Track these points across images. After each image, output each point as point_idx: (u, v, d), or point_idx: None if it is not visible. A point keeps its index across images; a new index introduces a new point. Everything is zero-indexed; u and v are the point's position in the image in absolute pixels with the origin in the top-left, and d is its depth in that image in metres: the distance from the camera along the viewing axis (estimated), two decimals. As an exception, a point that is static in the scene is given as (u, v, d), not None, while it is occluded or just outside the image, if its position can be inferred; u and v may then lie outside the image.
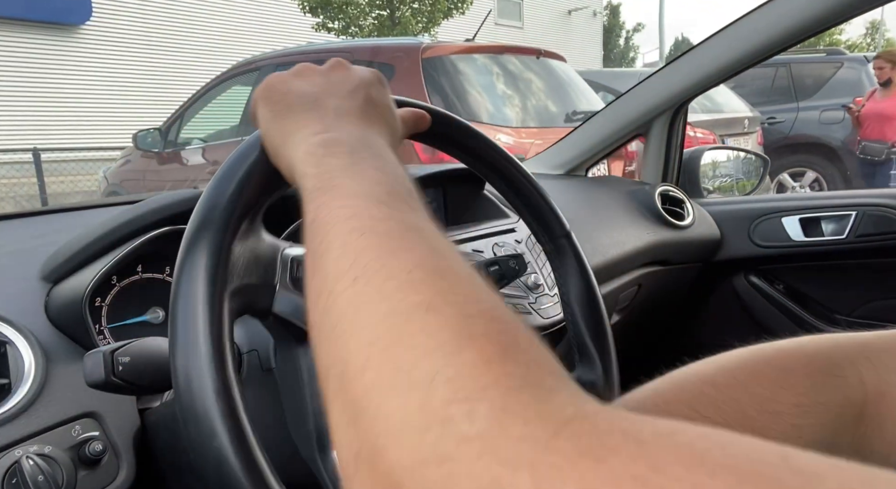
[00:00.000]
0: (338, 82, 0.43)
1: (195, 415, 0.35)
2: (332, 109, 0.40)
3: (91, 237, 0.63)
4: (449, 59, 3.29)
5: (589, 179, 1.47)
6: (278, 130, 0.41)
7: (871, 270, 1.31)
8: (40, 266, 0.65)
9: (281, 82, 0.44)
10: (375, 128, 0.40)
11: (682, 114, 1.42)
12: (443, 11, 9.44)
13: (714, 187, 1.65)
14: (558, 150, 1.49)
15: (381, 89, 0.44)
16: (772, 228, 1.35)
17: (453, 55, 3.33)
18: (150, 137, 4.32)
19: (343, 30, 9.26)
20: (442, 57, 3.27)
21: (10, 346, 0.55)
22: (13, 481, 0.48)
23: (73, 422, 0.54)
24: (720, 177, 1.67)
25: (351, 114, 0.40)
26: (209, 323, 0.36)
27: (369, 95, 0.42)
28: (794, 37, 1.15)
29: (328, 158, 0.35)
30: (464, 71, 3.33)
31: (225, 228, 0.40)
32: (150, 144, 4.32)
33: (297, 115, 0.40)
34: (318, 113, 0.40)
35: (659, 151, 1.44)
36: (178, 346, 0.36)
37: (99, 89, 9.33)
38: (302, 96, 0.42)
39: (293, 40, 8.09)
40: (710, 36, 1.25)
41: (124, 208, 0.66)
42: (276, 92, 0.43)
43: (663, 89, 1.34)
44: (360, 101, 0.42)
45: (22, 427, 0.51)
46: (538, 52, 3.69)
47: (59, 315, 0.60)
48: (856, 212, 1.27)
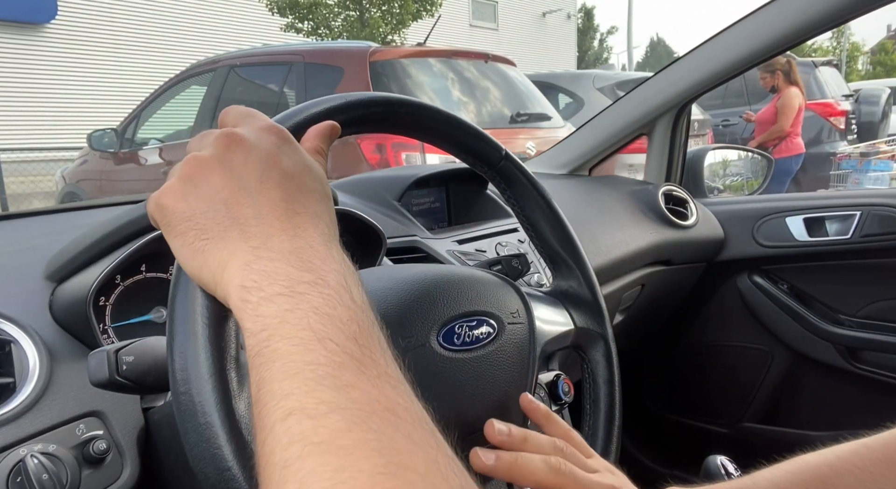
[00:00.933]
0: (242, 171, 0.35)
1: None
2: (253, 219, 0.34)
3: (95, 236, 0.64)
4: (397, 63, 3.38)
5: (592, 179, 1.46)
6: (201, 268, 0.34)
7: (875, 270, 1.31)
8: (44, 265, 0.65)
9: (178, 198, 0.36)
10: (305, 222, 0.35)
11: (685, 113, 1.42)
12: (411, 13, 9.46)
13: (725, 186, 1.65)
14: (561, 150, 1.49)
15: (291, 151, 0.37)
16: (776, 228, 1.34)
17: (401, 59, 3.42)
18: (107, 137, 4.31)
19: (312, 31, 9.23)
20: (390, 60, 3.36)
21: (15, 345, 0.55)
22: (18, 479, 0.48)
23: (77, 421, 0.54)
24: (731, 176, 1.67)
25: (274, 216, 0.34)
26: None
27: (284, 172, 0.36)
28: (795, 37, 1.14)
29: (263, 306, 0.31)
30: (412, 74, 3.41)
31: None
32: (106, 145, 4.32)
33: (217, 245, 0.34)
34: (238, 231, 0.34)
35: (662, 151, 1.44)
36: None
37: (62, 89, 9.24)
38: (211, 213, 0.34)
39: (262, 41, 8.07)
40: (713, 36, 1.25)
41: (128, 207, 0.66)
42: (178, 216, 0.35)
43: (666, 89, 1.34)
44: (277, 190, 0.35)
45: (26, 426, 0.51)
46: (486, 56, 3.80)
47: (63, 314, 0.60)
48: (860, 211, 1.27)
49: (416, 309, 0.49)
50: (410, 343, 0.47)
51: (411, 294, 0.49)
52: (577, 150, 1.46)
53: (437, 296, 0.50)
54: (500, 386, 0.52)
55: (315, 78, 3.54)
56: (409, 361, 0.44)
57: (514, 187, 0.60)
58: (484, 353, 0.51)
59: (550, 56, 17.65)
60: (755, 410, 1.46)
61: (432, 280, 0.51)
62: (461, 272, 0.55)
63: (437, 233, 0.94)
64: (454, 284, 0.52)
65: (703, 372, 1.52)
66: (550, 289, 0.65)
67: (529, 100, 3.88)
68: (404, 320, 0.48)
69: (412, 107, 0.52)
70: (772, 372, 1.43)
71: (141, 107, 4.39)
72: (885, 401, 1.28)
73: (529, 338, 0.55)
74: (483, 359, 0.51)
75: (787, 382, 1.43)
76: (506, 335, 0.53)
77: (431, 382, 0.48)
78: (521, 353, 0.55)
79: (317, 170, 0.38)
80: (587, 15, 27.03)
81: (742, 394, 1.48)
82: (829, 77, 6.55)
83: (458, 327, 0.50)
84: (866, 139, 6.06)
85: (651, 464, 1.54)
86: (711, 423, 1.51)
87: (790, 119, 4.67)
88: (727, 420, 1.49)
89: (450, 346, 0.49)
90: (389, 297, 0.49)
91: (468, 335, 0.50)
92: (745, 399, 1.47)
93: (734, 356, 1.48)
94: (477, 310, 0.51)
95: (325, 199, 0.38)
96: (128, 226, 0.63)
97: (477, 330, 0.51)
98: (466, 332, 0.50)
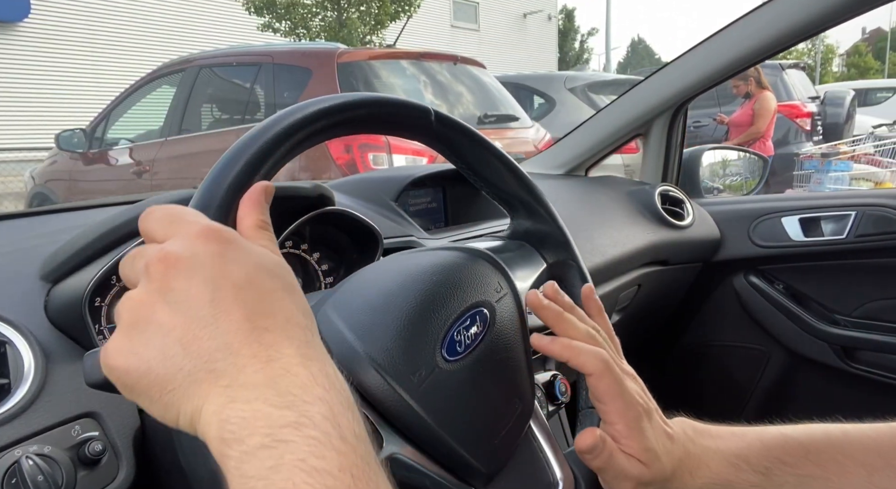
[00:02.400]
0: (189, 300, 0.30)
1: None
2: (217, 352, 0.29)
3: (91, 237, 0.63)
4: (366, 64, 3.43)
5: (589, 179, 1.47)
6: (177, 421, 0.31)
7: (870, 270, 1.31)
8: (40, 266, 0.65)
9: (126, 355, 0.31)
10: (277, 337, 0.30)
11: (681, 113, 1.42)
12: (389, 14, 9.47)
13: (725, 186, 1.66)
14: (558, 150, 1.49)
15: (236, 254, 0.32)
16: (771, 228, 1.35)
17: (370, 60, 3.47)
18: (76, 138, 4.30)
19: (289, 31, 9.23)
20: (358, 62, 3.41)
21: (10, 346, 0.55)
22: (13, 481, 0.48)
23: (73, 422, 0.54)
24: (731, 176, 1.68)
25: (239, 342, 0.30)
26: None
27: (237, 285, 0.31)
28: (792, 37, 1.15)
29: (245, 464, 0.27)
30: (380, 75, 3.46)
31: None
32: (75, 145, 4.31)
33: (186, 393, 0.30)
34: (204, 371, 0.29)
35: (659, 151, 1.44)
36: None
37: (34, 88, 9.17)
38: (168, 360, 0.30)
39: (238, 40, 8.02)
40: (709, 36, 1.25)
41: (124, 208, 0.66)
42: (134, 375, 0.31)
43: (663, 89, 1.34)
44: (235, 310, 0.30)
45: (21, 427, 0.51)
46: (455, 58, 3.86)
47: (58, 315, 0.60)
48: (855, 212, 1.27)
49: (413, 338, 0.45)
50: (425, 373, 0.45)
51: (404, 322, 0.46)
52: (574, 150, 1.46)
53: (427, 314, 0.47)
54: (512, 366, 0.51)
55: (284, 79, 3.57)
56: (426, 393, 0.44)
57: (455, 145, 0.57)
58: (486, 346, 0.49)
59: (531, 57, 17.79)
60: (751, 410, 1.47)
61: (415, 297, 0.47)
62: (436, 271, 0.50)
63: (434, 233, 0.94)
64: (436, 289, 0.48)
65: (699, 371, 1.52)
66: (510, 232, 0.65)
67: (498, 101, 3.94)
68: (405, 355, 0.45)
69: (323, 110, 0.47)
70: (768, 371, 1.44)
71: (111, 107, 4.38)
72: (881, 400, 1.29)
73: (516, 305, 0.53)
74: (487, 354, 0.49)
75: (782, 382, 1.43)
76: (498, 317, 0.50)
77: (456, 402, 0.46)
78: (517, 326, 0.52)
79: (270, 261, 0.33)
80: (568, 16, 27.69)
81: (738, 393, 1.48)
82: (796, 79, 6.79)
83: (457, 334, 0.47)
84: (832, 140, 6.23)
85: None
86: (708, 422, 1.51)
87: (766, 122, 4.87)
88: (723, 419, 1.49)
89: (455, 358, 0.47)
90: (380, 334, 0.45)
91: (467, 336, 0.48)
92: (741, 398, 1.48)
93: (730, 356, 1.48)
94: (466, 305, 0.49)
95: (289, 292, 0.33)
96: (124, 226, 0.63)
97: (472, 327, 0.49)
98: (465, 335, 0.48)
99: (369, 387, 0.43)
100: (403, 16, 9.69)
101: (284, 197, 0.75)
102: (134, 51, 9.82)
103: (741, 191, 1.69)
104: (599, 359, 0.48)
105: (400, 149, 3.01)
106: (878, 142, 5.44)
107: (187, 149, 3.86)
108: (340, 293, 0.49)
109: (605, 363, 0.48)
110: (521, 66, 14.06)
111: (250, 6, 8.98)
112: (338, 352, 0.43)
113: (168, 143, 3.96)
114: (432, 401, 0.44)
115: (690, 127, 6.03)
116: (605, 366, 0.48)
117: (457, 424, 0.46)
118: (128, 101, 4.36)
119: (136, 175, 4.01)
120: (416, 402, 0.44)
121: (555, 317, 0.51)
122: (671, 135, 1.43)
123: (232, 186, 0.40)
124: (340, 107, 0.47)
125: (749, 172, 1.72)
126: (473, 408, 0.47)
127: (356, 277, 0.50)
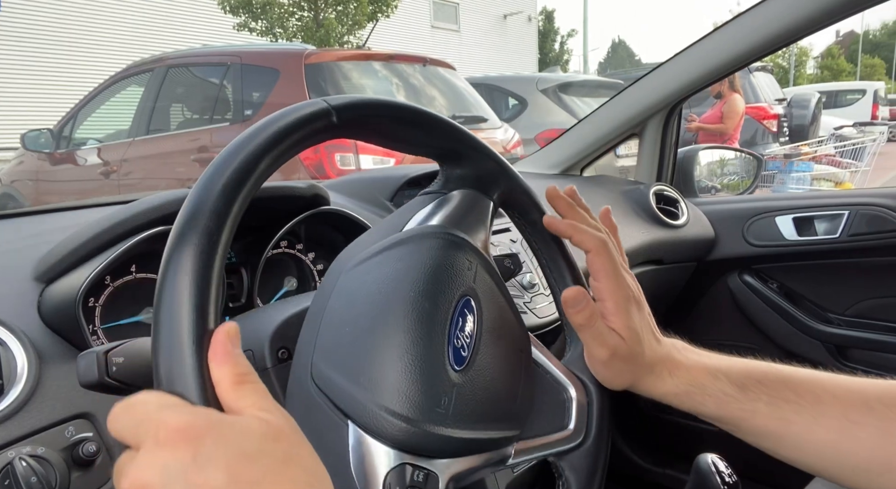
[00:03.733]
0: None
1: None
2: None
3: (84, 237, 0.63)
4: (334, 65, 3.45)
5: (583, 179, 1.47)
6: None
7: (863, 269, 1.32)
8: (33, 266, 0.64)
9: None
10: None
11: (676, 113, 1.43)
12: (367, 15, 9.43)
13: (722, 185, 1.66)
14: (553, 150, 1.49)
15: (213, 451, 0.29)
16: (765, 228, 1.35)
17: (338, 62, 3.48)
18: (42, 138, 4.26)
19: (266, 31, 9.13)
20: (326, 63, 3.42)
21: (3, 347, 0.54)
22: (6, 482, 0.48)
23: (67, 423, 0.53)
24: (728, 174, 1.69)
25: None
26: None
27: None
28: (786, 37, 1.15)
29: None
30: (349, 77, 3.48)
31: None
32: (42, 145, 4.27)
33: None
34: None
35: (653, 151, 1.45)
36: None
37: (1, 87, 9.01)
38: None
39: (214, 39, 7.91)
40: (704, 36, 1.25)
41: (117, 208, 0.66)
42: None
43: (657, 89, 1.34)
44: None
45: (15, 428, 0.51)
46: (424, 60, 3.87)
47: (52, 315, 0.60)
48: (848, 211, 1.28)
49: (421, 370, 0.43)
50: (448, 399, 0.43)
51: (405, 358, 0.43)
52: (569, 150, 1.46)
53: (422, 338, 0.44)
54: (508, 328, 0.50)
55: (252, 79, 3.57)
56: (457, 414, 0.43)
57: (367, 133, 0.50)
58: (484, 333, 0.48)
59: (511, 58, 17.86)
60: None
61: (404, 325, 0.44)
62: (406, 282, 0.46)
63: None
64: (418, 305, 0.45)
65: (693, 371, 1.52)
66: (442, 182, 0.56)
67: (467, 102, 3.97)
68: (423, 393, 0.43)
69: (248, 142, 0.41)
70: (762, 370, 1.44)
71: (78, 106, 4.35)
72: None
73: (489, 268, 0.51)
74: (487, 338, 0.48)
75: (776, 381, 1.44)
76: (481, 294, 0.49)
77: (483, 399, 0.46)
78: (497, 286, 0.51)
79: (255, 435, 0.30)
80: (548, 17, 28.07)
81: (732, 392, 1.48)
82: (764, 82, 7.01)
83: (457, 340, 0.46)
84: (797, 141, 6.46)
85: (642, 462, 1.55)
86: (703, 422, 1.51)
87: (734, 123, 5.04)
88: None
89: (463, 365, 0.45)
90: (388, 380, 0.43)
91: (465, 336, 0.47)
92: (735, 397, 1.48)
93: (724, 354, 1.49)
94: (451, 306, 0.46)
95: (286, 463, 0.30)
96: (117, 226, 0.63)
97: (467, 325, 0.47)
98: (462, 337, 0.46)
99: (401, 439, 0.42)
100: (381, 16, 9.63)
101: (279, 197, 0.75)
102: (106, 49, 9.65)
103: (739, 189, 1.70)
104: (599, 238, 0.53)
105: (367, 149, 3.02)
106: (838, 143, 5.65)
107: (155, 149, 3.84)
108: (322, 338, 0.45)
109: (603, 243, 0.53)
110: (502, 67, 14.05)
111: (226, 5, 8.85)
112: (353, 413, 0.42)
113: (136, 143, 3.93)
114: (464, 416, 0.44)
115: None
116: (604, 245, 0.53)
117: (489, 416, 0.46)
118: (96, 101, 4.32)
119: (104, 175, 3.98)
120: (453, 427, 0.43)
121: (567, 206, 0.56)
122: (666, 134, 1.44)
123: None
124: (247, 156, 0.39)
125: (745, 172, 1.73)
126: (496, 391, 0.47)
127: (327, 313, 0.46)
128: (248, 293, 0.75)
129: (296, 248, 0.81)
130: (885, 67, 41.83)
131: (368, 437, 0.42)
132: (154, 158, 3.81)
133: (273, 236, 0.74)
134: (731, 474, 0.64)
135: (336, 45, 9.32)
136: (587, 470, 0.53)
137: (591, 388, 0.55)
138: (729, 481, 0.63)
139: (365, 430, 0.42)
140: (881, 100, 14.29)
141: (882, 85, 15.64)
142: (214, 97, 3.77)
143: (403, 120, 0.49)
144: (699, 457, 0.66)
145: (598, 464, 0.53)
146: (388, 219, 0.54)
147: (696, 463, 0.66)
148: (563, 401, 0.54)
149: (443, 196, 0.54)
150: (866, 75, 35.57)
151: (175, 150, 3.69)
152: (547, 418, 0.53)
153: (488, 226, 0.55)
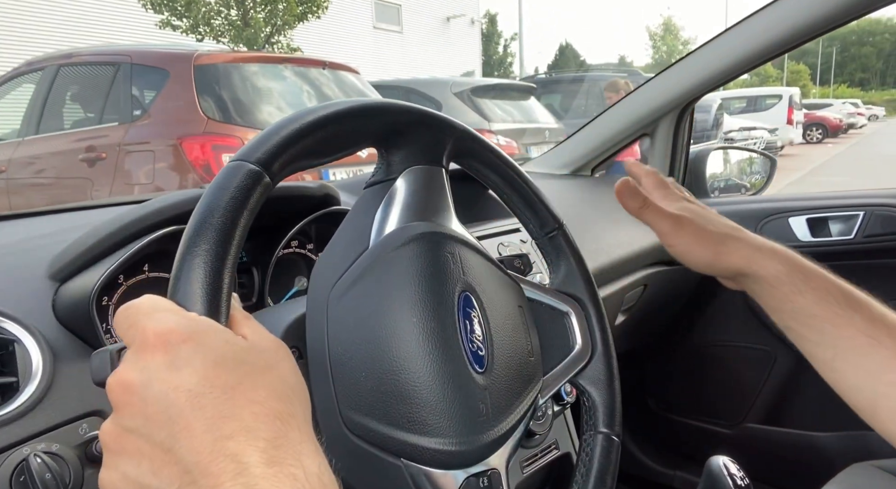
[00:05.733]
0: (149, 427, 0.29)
1: None
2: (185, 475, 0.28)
3: (98, 236, 0.64)
4: (225, 67, 3.44)
5: (594, 179, 1.46)
6: None
7: (878, 271, 1.30)
8: (48, 265, 0.65)
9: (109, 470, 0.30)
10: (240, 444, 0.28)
11: (688, 113, 1.42)
12: (296, 15, 9.29)
13: (751, 184, 1.66)
14: (563, 150, 1.49)
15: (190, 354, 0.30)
16: (779, 229, 1.34)
17: (230, 63, 3.47)
18: None
19: (190, 29, 8.91)
20: (216, 64, 3.41)
21: (18, 345, 0.55)
22: (21, 479, 0.49)
23: (81, 421, 0.54)
24: (755, 173, 1.69)
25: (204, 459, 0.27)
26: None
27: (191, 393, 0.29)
28: (799, 37, 1.14)
29: None
30: (241, 78, 3.47)
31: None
32: None
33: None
34: None
35: (665, 151, 1.44)
36: None
37: None
38: None
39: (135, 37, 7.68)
40: (716, 36, 1.25)
41: (131, 207, 0.66)
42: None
43: (669, 89, 1.34)
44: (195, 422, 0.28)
45: (29, 425, 0.52)
46: (323, 63, 3.85)
47: (66, 314, 0.60)
48: (863, 212, 1.26)
49: (451, 390, 0.42)
50: (485, 404, 0.43)
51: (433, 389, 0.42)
52: (579, 150, 1.46)
53: (439, 359, 0.43)
54: (509, 306, 0.50)
55: (141, 79, 3.57)
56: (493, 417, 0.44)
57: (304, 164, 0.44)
58: (492, 323, 0.47)
59: (455, 60, 17.83)
60: (758, 411, 1.46)
61: (418, 354, 0.43)
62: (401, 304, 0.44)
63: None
64: (422, 325, 0.43)
65: (705, 372, 1.52)
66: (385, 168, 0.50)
67: None
68: (460, 414, 0.42)
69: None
70: (774, 372, 1.43)
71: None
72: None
73: (475, 251, 0.50)
74: (496, 328, 0.47)
75: (789, 383, 1.42)
76: (476, 284, 0.48)
77: (509, 389, 0.46)
78: (487, 267, 0.50)
79: (237, 348, 0.31)
80: (491, 21, 28.46)
81: (745, 394, 1.47)
82: None
83: (471, 345, 0.44)
84: (698, 143, 6.54)
85: (653, 464, 1.54)
86: (714, 424, 1.50)
87: None
88: (730, 420, 1.49)
89: (484, 366, 0.45)
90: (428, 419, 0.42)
91: (477, 337, 0.45)
92: (747, 399, 1.47)
93: (737, 356, 1.48)
94: (454, 309, 0.45)
95: (261, 374, 0.30)
96: (131, 225, 0.63)
97: (474, 325, 0.46)
98: (475, 338, 0.45)
99: (457, 461, 0.43)
100: (312, 17, 9.46)
101: (290, 197, 0.76)
102: (22, 46, 9.16)
103: (763, 188, 1.69)
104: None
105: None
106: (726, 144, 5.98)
107: (44, 149, 3.80)
108: (341, 387, 0.43)
109: None
110: (446, 69, 13.97)
111: (146, 2, 8.59)
112: (403, 453, 0.42)
113: (24, 143, 3.90)
114: (502, 408, 0.45)
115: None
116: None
117: (519, 389, 0.47)
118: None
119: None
120: (497, 424, 0.44)
121: (658, 181, 0.64)
122: (677, 134, 1.43)
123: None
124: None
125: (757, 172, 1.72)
126: (517, 366, 0.48)
127: (333, 361, 0.44)
128: (259, 292, 0.75)
129: (306, 248, 0.81)
130: (809, 74, 45.72)
131: (426, 468, 0.42)
132: (43, 158, 3.77)
133: (284, 236, 0.75)
134: (742, 477, 0.64)
135: (265, 46, 9.23)
136: (604, 379, 0.55)
137: (583, 300, 0.57)
138: (741, 484, 0.63)
139: (421, 464, 0.42)
140: (796, 105, 14.95)
141: (797, 91, 16.51)
142: (104, 96, 3.72)
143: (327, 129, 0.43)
144: (710, 459, 0.66)
145: (612, 369, 0.56)
146: (345, 226, 0.50)
147: (708, 465, 0.65)
148: (564, 324, 0.56)
149: (390, 184, 0.49)
150: (792, 81, 38.34)
151: (64, 149, 3.64)
152: (556, 346, 0.55)
153: (447, 195, 0.51)
